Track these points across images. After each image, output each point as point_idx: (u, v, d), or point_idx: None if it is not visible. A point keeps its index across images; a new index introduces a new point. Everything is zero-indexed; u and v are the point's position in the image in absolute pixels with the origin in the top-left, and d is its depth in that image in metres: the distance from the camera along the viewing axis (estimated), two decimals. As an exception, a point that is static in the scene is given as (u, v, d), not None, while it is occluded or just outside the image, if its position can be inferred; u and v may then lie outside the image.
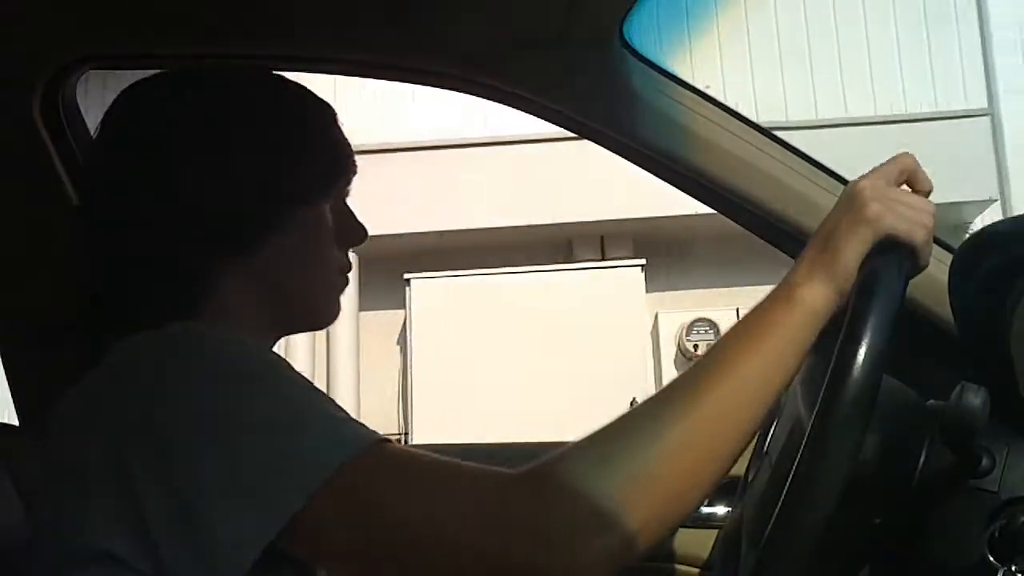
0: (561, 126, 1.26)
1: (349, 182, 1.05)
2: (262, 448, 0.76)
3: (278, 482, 0.76)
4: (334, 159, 1.03)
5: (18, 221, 1.35)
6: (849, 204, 0.87)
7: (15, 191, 1.34)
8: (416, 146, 6.87)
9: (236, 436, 0.77)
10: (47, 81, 1.26)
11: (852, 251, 0.85)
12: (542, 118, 1.26)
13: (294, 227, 0.97)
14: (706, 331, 6.69)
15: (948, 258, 0.97)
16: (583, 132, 1.25)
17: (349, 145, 1.05)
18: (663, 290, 6.85)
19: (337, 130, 1.04)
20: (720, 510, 1.47)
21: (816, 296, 0.83)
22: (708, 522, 1.48)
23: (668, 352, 6.71)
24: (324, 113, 1.04)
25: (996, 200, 6.77)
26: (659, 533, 0.76)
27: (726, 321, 6.61)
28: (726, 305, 6.69)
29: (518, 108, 1.26)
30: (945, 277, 0.96)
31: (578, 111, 1.22)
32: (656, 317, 6.81)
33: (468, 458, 0.79)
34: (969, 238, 0.92)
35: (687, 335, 6.70)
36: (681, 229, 6.51)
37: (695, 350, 6.66)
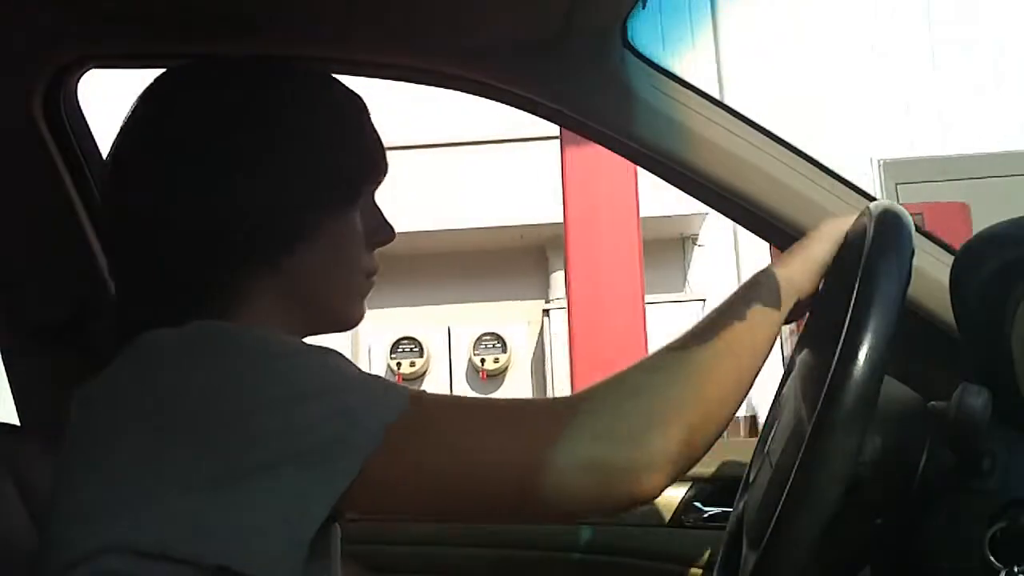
0: (561, 126, 1.26)
1: (380, 182, 1.02)
2: (311, 418, 0.78)
3: (332, 450, 0.78)
4: (368, 160, 0.99)
5: (18, 221, 1.35)
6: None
7: (15, 191, 1.34)
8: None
9: (282, 410, 0.78)
10: (47, 81, 1.26)
11: (825, 237, 0.95)
12: (543, 118, 1.26)
13: (324, 232, 0.94)
14: (412, 350, 6.67)
15: (950, 259, 0.97)
16: (583, 132, 1.24)
17: (381, 142, 1.01)
18: (375, 307, 6.81)
19: (370, 127, 1.00)
20: (721, 511, 1.47)
21: (792, 271, 0.93)
22: (709, 522, 1.48)
23: (379, 371, 6.68)
24: (358, 109, 1.00)
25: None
26: (705, 441, 0.84)
27: (435, 339, 6.60)
28: (436, 323, 6.68)
29: (518, 108, 1.26)
30: (946, 278, 0.96)
31: (579, 111, 1.22)
32: (366, 335, 6.77)
33: None
34: (971, 239, 0.92)
35: (392, 353, 6.67)
36: (392, 246, 6.48)
37: (398, 368, 6.64)
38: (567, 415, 0.82)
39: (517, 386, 6.61)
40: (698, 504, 1.50)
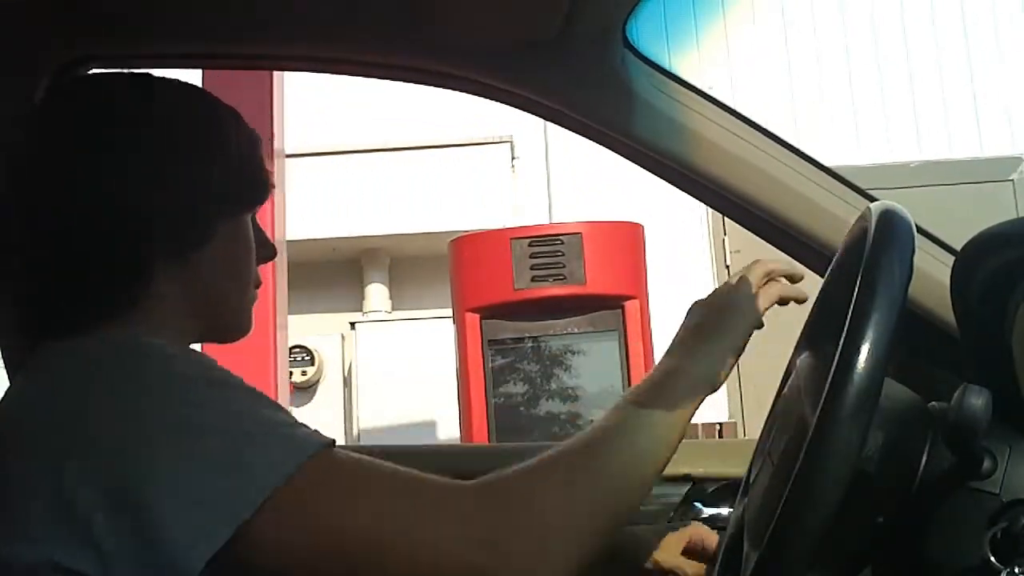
0: (562, 126, 1.26)
1: (265, 200, 1.04)
2: (213, 455, 0.78)
3: (228, 489, 0.77)
4: (262, 174, 1.02)
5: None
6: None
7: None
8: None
9: (187, 443, 0.78)
10: (47, 81, 1.26)
11: (740, 320, 0.99)
12: (543, 118, 1.26)
13: (226, 237, 0.97)
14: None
15: (950, 260, 0.97)
16: (584, 132, 1.25)
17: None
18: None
19: (260, 151, 1.04)
20: (722, 511, 1.47)
21: (702, 367, 0.95)
22: (711, 523, 1.48)
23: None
24: (253, 133, 1.03)
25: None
26: (591, 552, 0.85)
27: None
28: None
29: (518, 108, 1.26)
30: (947, 278, 0.96)
31: (579, 111, 1.22)
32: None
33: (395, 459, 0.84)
34: (971, 239, 0.92)
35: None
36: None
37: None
38: (468, 505, 0.81)
39: (329, 400, 6.52)
40: (698, 504, 1.50)
